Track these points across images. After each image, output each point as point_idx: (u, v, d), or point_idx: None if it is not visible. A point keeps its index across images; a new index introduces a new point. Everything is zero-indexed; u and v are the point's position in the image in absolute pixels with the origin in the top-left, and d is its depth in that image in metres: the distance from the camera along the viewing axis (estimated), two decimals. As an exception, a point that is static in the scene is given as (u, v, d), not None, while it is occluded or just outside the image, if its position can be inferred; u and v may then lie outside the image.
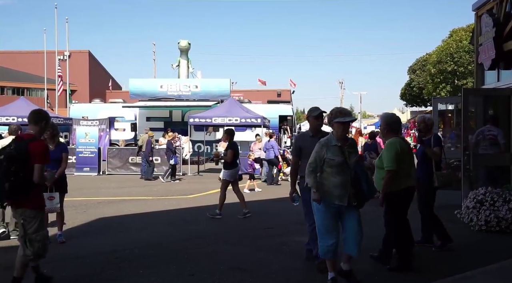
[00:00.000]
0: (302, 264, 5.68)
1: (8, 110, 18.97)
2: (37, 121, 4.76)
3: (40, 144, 4.63)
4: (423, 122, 6.51)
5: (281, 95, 47.39)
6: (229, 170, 8.92)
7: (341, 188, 4.60)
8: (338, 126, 4.68)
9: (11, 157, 4.37)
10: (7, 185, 4.31)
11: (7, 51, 62.18)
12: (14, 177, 4.33)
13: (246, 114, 17.99)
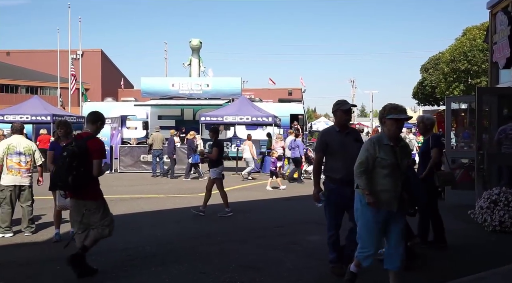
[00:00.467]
0: (314, 263, 5.66)
1: (22, 109, 19.17)
2: (94, 121, 5.30)
3: (97, 142, 5.17)
4: (422, 122, 6.46)
5: (292, 94, 47.33)
6: (216, 168, 8.92)
7: (390, 192, 4.23)
8: (391, 123, 4.25)
9: (73, 154, 4.88)
10: (70, 178, 4.83)
11: (21, 50, 62.94)
12: (76, 171, 4.84)
13: (257, 113, 17.99)
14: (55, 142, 6.88)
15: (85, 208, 5.08)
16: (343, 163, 4.69)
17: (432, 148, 6.17)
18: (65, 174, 4.87)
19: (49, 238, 6.84)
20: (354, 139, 4.98)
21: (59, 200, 6.62)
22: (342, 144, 4.95)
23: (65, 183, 4.92)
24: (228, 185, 13.80)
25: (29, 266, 5.50)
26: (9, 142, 7.14)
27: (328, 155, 5.05)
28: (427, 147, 6.29)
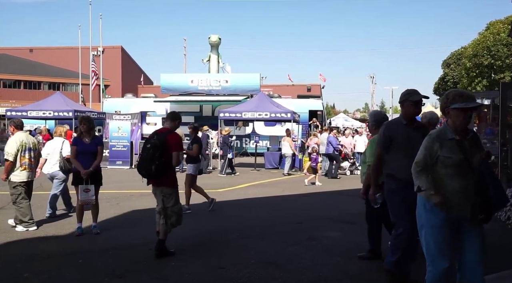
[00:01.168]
0: (333, 260, 5.64)
1: (44, 105, 19.52)
2: (173, 119, 6.05)
3: (175, 136, 5.86)
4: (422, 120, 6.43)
5: (311, 90, 47.12)
6: (193, 164, 8.91)
7: (461, 195, 3.54)
8: (456, 113, 3.58)
9: (155, 146, 5.58)
10: (153, 167, 5.52)
11: (44, 47, 63.96)
12: (158, 161, 5.53)
13: (276, 109, 17.97)
14: (78, 138, 6.97)
15: (162, 193, 5.81)
16: (409, 161, 3.96)
17: None
18: (148, 163, 5.57)
19: (72, 232, 6.96)
20: (422, 134, 4.30)
21: (81, 195, 6.72)
22: (408, 139, 4.43)
23: (148, 172, 5.62)
24: (247, 181, 13.87)
25: (53, 259, 5.61)
26: (20, 139, 7.20)
27: (391, 151, 4.51)
28: None
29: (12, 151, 7.00)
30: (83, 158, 6.81)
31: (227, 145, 16.17)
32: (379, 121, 5.44)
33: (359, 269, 5.33)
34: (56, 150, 8.30)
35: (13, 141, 7.10)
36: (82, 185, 6.72)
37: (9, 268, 5.26)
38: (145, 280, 4.83)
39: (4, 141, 18.39)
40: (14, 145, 7.06)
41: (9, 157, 6.98)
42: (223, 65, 30.00)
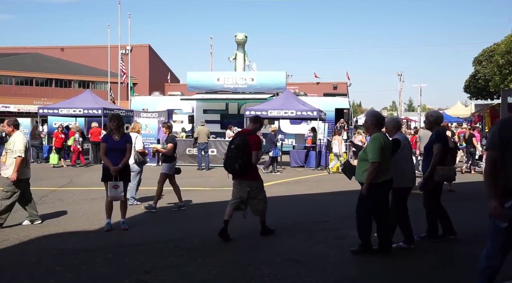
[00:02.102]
0: (360, 259, 5.60)
1: (75, 103, 19.97)
2: (255, 122, 6.74)
3: (256, 137, 6.51)
4: (426, 119, 6.62)
5: (337, 88, 46.73)
6: (168, 163, 8.81)
7: None
8: None
9: (238, 146, 6.26)
10: (237, 166, 6.22)
11: (74, 46, 65.35)
12: (241, 160, 6.20)
13: (302, 107, 17.89)
14: (108, 135, 7.10)
15: (248, 186, 6.46)
16: None
17: (434, 143, 6.20)
18: (233, 162, 6.27)
19: (101, 227, 7.10)
20: None
21: (110, 191, 6.85)
22: None
23: (233, 169, 6.30)
24: (272, 179, 13.86)
25: (83, 254, 5.73)
26: (24, 137, 7.32)
27: (507, 154, 3.59)
28: (431, 143, 6.33)
29: (23, 148, 7.08)
30: (112, 155, 6.94)
31: (273, 143, 16.19)
32: (378, 121, 5.70)
33: (385, 269, 5.27)
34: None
35: (21, 139, 7.16)
36: (111, 182, 6.84)
37: (42, 261, 5.41)
38: (172, 276, 4.89)
39: (37, 138, 18.92)
40: (23, 142, 7.14)
41: (22, 153, 7.03)
42: (249, 63, 30.04)
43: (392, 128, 6.12)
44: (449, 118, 37.20)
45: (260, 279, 4.80)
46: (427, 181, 6.18)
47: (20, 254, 5.74)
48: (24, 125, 19.07)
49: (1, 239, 6.43)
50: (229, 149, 6.49)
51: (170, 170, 8.85)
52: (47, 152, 19.51)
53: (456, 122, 31.72)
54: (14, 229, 7.01)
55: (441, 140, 6.26)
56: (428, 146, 6.37)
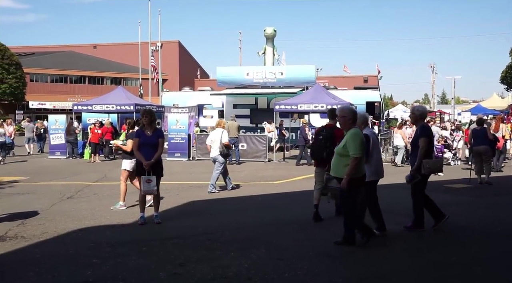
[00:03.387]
0: (392, 254, 5.53)
1: (107, 99, 20.36)
2: (332, 117, 7.42)
3: (339, 131, 6.81)
4: (412, 113, 6.85)
5: (368, 81, 46.12)
6: (129, 160, 8.50)
7: None
8: None
9: (326, 137, 7.09)
10: (324, 154, 6.95)
11: (106, 43, 66.71)
12: (328, 149, 6.82)
13: (332, 101, 17.71)
14: (140, 130, 7.21)
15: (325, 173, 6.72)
16: None
17: (420, 138, 6.43)
18: (321, 151, 7.08)
19: (135, 221, 7.24)
20: None
21: (143, 186, 6.96)
22: None
23: (321, 157, 7.08)
24: (302, 174, 13.80)
25: (118, 246, 5.86)
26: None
27: None
28: (417, 137, 6.56)
29: None
30: (145, 149, 7.05)
31: (303, 137, 16.08)
32: (355, 116, 5.85)
33: (415, 264, 5.19)
34: (217, 138, 10.29)
35: None
36: (145, 176, 6.96)
37: (80, 254, 5.56)
38: (205, 269, 4.94)
39: (71, 134, 19.44)
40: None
41: None
42: (278, 57, 29.91)
43: (360, 124, 6.24)
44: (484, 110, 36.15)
45: (293, 274, 4.80)
46: (415, 174, 6.40)
47: (59, 246, 5.92)
48: (59, 122, 19.61)
49: (40, 231, 6.64)
50: (316, 139, 7.38)
51: (131, 167, 8.46)
52: (82, 147, 20.01)
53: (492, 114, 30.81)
54: (53, 222, 7.22)
55: (427, 134, 6.50)
56: (414, 140, 6.63)
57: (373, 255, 5.52)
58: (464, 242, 6.21)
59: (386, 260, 5.38)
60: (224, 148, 10.30)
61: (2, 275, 4.83)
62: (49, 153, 19.78)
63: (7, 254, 5.62)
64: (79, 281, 4.61)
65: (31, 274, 4.81)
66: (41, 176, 13.12)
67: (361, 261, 5.30)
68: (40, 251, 5.72)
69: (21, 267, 5.05)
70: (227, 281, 4.60)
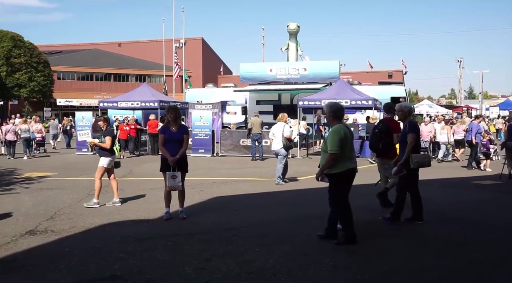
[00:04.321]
0: (426, 252, 5.44)
1: (132, 96, 20.62)
2: (388, 111, 8.18)
3: (396, 123, 7.83)
4: (401, 110, 7.03)
5: (393, 76, 45.46)
6: (107, 157, 8.50)
7: None
8: None
9: (382, 130, 7.71)
10: (380, 145, 7.65)
11: (131, 41, 67.54)
12: (384, 141, 7.61)
13: (357, 96, 17.55)
14: (165, 126, 7.28)
15: (384, 164, 7.73)
16: None
17: (408, 133, 6.66)
18: (377, 143, 7.72)
19: (160, 216, 7.32)
20: None
21: (169, 181, 7.03)
22: None
23: (377, 149, 7.81)
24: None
25: (144, 241, 5.95)
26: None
27: None
28: (405, 133, 6.79)
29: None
30: (170, 145, 7.11)
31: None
32: (336, 112, 5.85)
33: (448, 261, 5.10)
34: (278, 132, 10.79)
35: None
36: (170, 172, 7.02)
37: (107, 248, 5.66)
38: (231, 264, 4.97)
39: (98, 131, 19.74)
40: None
41: None
42: (302, 53, 29.77)
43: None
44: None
45: (318, 269, 4.78)
46: (401, 168, 6.63)
47: (87, 241, 6.04)
48: (86, 118, 19.97)
49: (69, 226, 6.79)
50: (373, 133, 8.03)
51: (108, 164, 8.51)
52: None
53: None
54: (81, 217, 7.37)
55: (415, 129, 6.77)
56: (403, 136, 6.85)
57: (400, 251, 5.46)
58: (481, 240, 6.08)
59: (420, 257, 5.30)
60: (287, 141, 10.84)
61: (34, 268, 4.96)
62: (76, 149, 20.17)
63: (38, 247, 5.77)
64: (107, 274, 4.70)
65: (62, 267, 4.92)
66: (68, 172, 13.40)
67: (388, 257, 5.24)
68: (69, 244, 5.85)
69: (51, 260, 5.18)
70: (253, 276, 4.61)
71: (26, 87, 45.32)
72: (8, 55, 44.23)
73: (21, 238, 6.15)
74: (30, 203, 8.49)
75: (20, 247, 5.76)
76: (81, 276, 4.65)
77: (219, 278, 4.59)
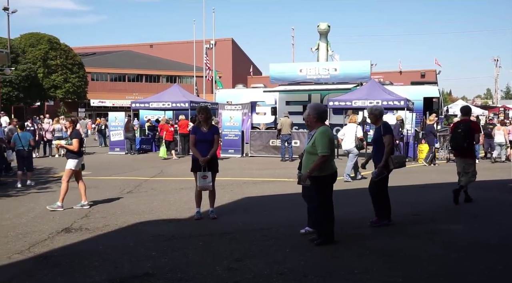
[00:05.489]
0: (456, 255, 5.31)
1: (164, 97, 20.91)
2: (466, 113, 8.86)
3: (476, 123, 8.80)
4: (371, 113, 6.96)
5: (425, 76, 44.59)
6: (73, 159, 8.28)
7: None
8: None
9: (465, 130, 8.29)
10: (465, 144, 8.28)
11: (162, 42, 68.51)
12: (468, 140, 8.26)
13: (388, 97, 17.29)
14: (196, 127, 7.33)
15: (464, 163, 8.41)
16: None
17: (384, 135, 6.63)
18: (461, 142, 8.31)
19: (191, 216, 7.38)
20: None
21: (199, 181, 7.07)
22: None
23: (462, 147, 8.34)
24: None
25: (176, 240, 6.01)
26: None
27: None
28: (379, 135, 6.72)
29: None
30: (201, 146, 7.16)
31: (432, 134, 15.80)
32: (321, 114, 5.79)
33: (485, 265, 4.95)
34: (350, 132, 11.67)
35: None
36: (200, 172, 7.07)
37: (140, 246, 5.75)
38: (261, 265, 4.96)
39: (130, 131, 20.15)
40: None
41: None
42: (332, 53, 29.55)
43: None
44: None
45: (349, 271, 4.72)
46: (382, 170, 6.58)
47: (120, 239, 6.15)
48: (119, 119, 20.37)
49: (103, 224, 6.94)
50: (456, 133, 8.52)
51: (76, 166, 8.32)
52: (139, 144, 20.70)
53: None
54: (114, 216, 7.52)
55: (391, 131, 6.77)
56: (377, 138, 6.79)
57: (439, 255, 5.33)
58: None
59: (455, 261, 5.17)
60: (360, 141, 11.69)
61: (71, 264, 5.08)
62: (109, 149, 20.60)
63: (73, 245, 5.91)
64: (140, 272, 4.77)
65: (96, 265, 5.03)
66: (102, 171, 13.70)
67: (426, 261, 5.12)
68: (102, 243, 5.98)
69: (86, 258, 5.29)
70: (283, 277, 4.59)
71: (62, 88, 46.65)
72: (45, 57, 45.62)
73: (57, 236, 6.32)
74: (65, 201, 8.71)
75: (56, 244, 5.92)
76: (114, 274, 4.73)
77: (250, 278, 4.58)
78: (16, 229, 6.70)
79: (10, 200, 9.34)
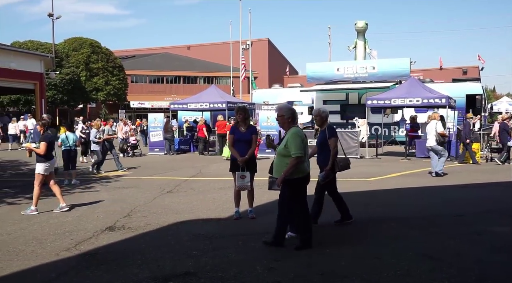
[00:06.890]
0: (500, 258, 5.14)
1: (201, 98, 21.17)
2: None
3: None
4: (318, 115, 6.89)
5: (468, 73, 43.27)
6: (42, 163, 8.04)
7: None
8: None
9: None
10: None
11: (199, 44, 69.34)
12: None
13: (429, 94, 16.86)
14: (235, 127, 7.39)
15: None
16: None
17: (330, 138, 6.65)
18: None
19: (230, 215, 7.44)
20: None
21: (238, 181, 7.12)
22: None
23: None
24: (397, 170, 13.33)
25: (216, 240, 6.08)
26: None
27: None
28: (324, 138, 6.72)
29: None
30: (239, 146, 7.21)
31: (506, 132, 15.45)
32: (294, 114, 5.78)
33: None
34: (432, 129, 12.02)
35: None
36: (239, 172, 7.12)
37: (180, 245, 5.85)
38: (301, 265, 4.95)
39: (169, 131, 20.52)
40: None
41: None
42: (370, 51, 29.09)
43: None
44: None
45: (392, 273, 4.64)
46: (329, 173, 6.59)
47: (161, 238, 6.27)
48: (158, 120, 20.77)
49: (144, 223, 7.10)
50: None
51: (45, 171, 8.10)
52: (177, 144, 21.04)
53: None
54: (155, 215, 7.68)
55: (335, 134, 6.81)
56: (322, 141, 6.78)
57: (485, 257, 5.17)
58: None
59: (500, 265, 5.00)
60: (440, 137, 11.97)
61: (115, 262, 5.23)
62: (149, 149, 21.03)
63: (117, 243, 6.08)
64: (182, 271, 4.85)
65: (139, 263, 5.15)
66: (142, 171, 14.01)
67: (472, 263, 4.97)
68: (144, 241, 6.12)
69: (129, 256, 5.43)
70: (324, 277, 4.57)
71: (103, 90, 48.07)
72: (87, 61, 47.14)
73: (101, 234, 6.51)
74: (109, 201, 8.96)
75: (101, 242, 6.10)
76: (156, 272, 4.84)
77: (291, 278, 4.58)
78: (63, 227, 6.95)
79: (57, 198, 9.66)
